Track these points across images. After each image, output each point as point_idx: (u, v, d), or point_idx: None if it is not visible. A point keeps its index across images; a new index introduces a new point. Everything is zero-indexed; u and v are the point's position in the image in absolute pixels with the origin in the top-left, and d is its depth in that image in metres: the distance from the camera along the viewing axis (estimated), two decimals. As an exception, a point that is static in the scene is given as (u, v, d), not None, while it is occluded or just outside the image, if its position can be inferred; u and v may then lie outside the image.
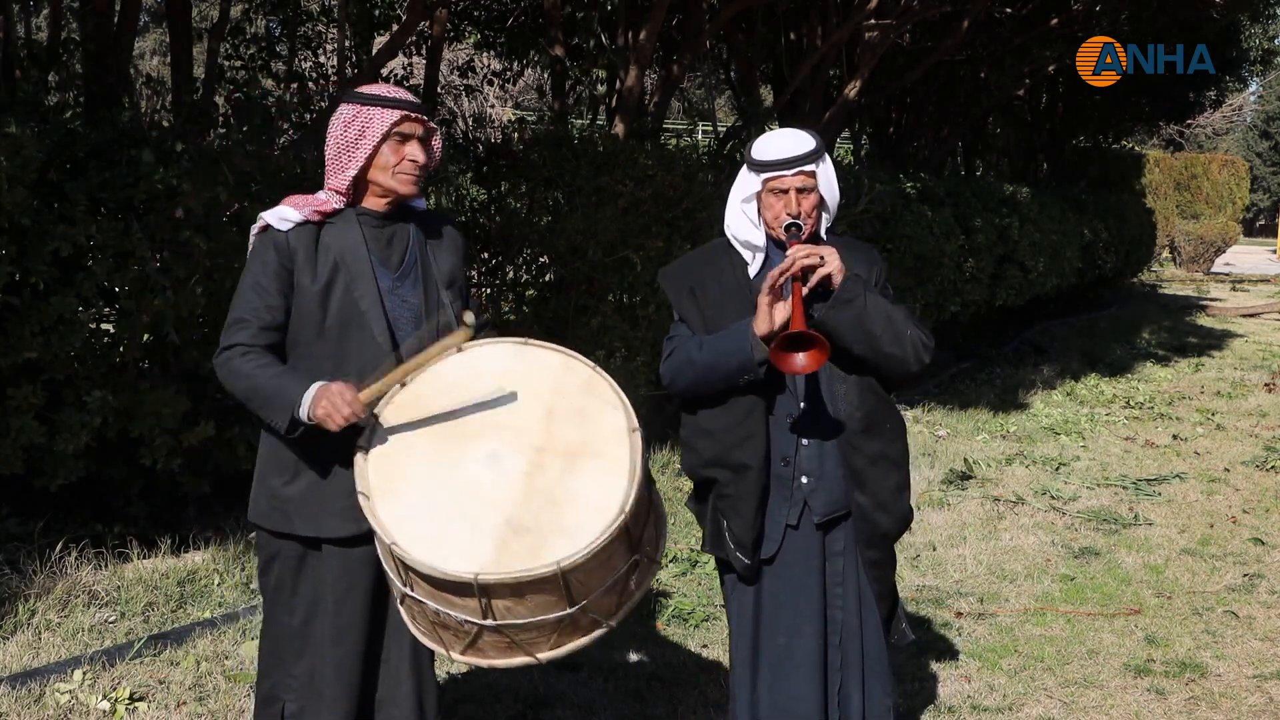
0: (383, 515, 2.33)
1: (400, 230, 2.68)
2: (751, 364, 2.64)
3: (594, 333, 6.28)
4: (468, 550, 2.26)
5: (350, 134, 2.57)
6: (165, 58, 13.68)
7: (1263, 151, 45.17)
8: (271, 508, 2.63)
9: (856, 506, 2.80)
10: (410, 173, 2.60)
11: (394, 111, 2.56)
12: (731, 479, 2.77)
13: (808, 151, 2.72)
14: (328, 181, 2.62)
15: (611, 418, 2.44)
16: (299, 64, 7.82)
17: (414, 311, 2.66)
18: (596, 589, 2.31)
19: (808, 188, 2.72)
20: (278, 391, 2.45)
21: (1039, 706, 3.89)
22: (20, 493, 4.76)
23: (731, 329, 2.70)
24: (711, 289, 2.82)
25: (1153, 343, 13.77)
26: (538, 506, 2.32)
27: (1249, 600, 4.97)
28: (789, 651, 2.81)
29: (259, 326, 2.54)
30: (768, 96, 11.85)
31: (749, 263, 2.83)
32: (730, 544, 2.80)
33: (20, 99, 4.50)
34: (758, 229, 2.79)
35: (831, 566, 2.84)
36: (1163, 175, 26.73)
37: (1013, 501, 6.43)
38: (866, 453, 2.77)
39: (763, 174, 2.74)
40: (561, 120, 7.79)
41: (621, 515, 2.27)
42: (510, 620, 2.28)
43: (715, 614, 4.56)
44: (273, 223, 2.57)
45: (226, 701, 3.66)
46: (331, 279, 2.57)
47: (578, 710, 3.71)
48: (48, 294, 4.29)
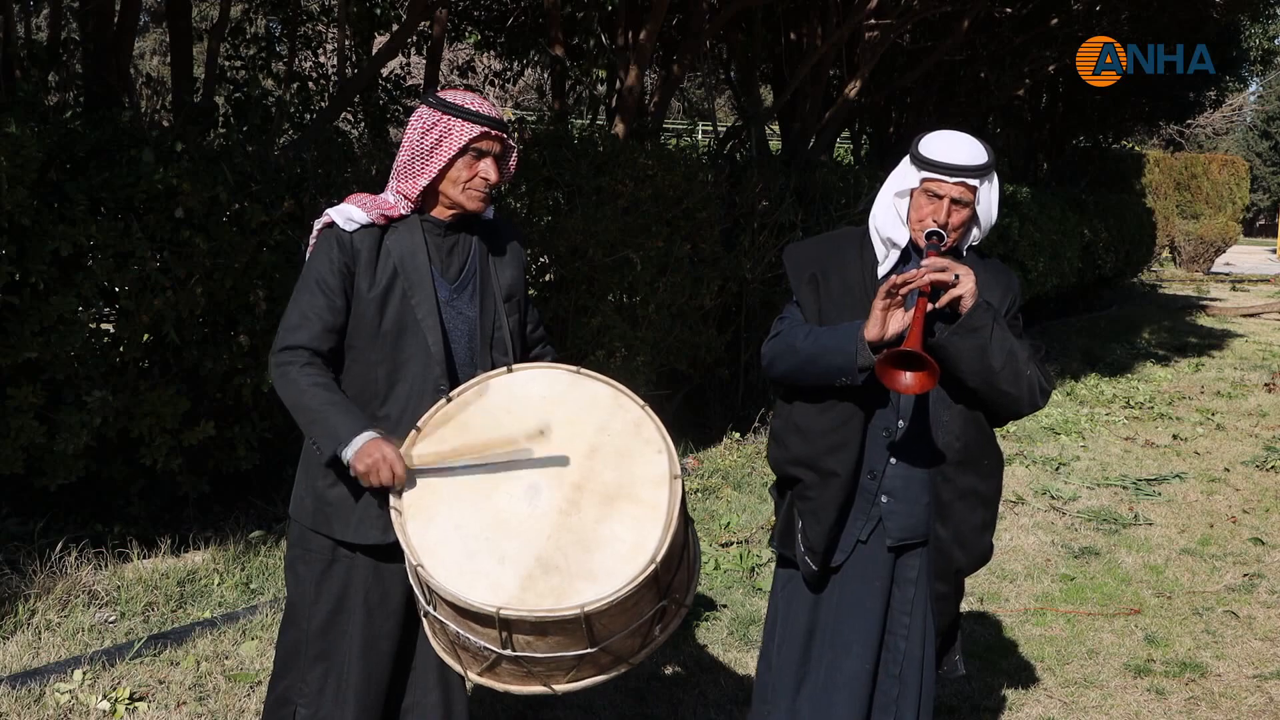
0: (413, 535, 2.32)
1: (463, 240, 2.63)
2: (852, 368, 2.49)
3: (594, 333, 6.28)
4: (494, 582, 2.24)
5: (427, 142, 2.51)
6: (165, 58, 13.68)
7: (1263, 151, 45.15)
8: (315, 508, 2.61)
9: (935, 538, 2.69)
10: (480, 190, 2.54)
11: (475, 126, 2.50)
12: (817, 483, 2.66)
13: (977, 165, 2.55)
14: (397, 185, 2.57)
15: (655, 462, 2.39)
16: (299, 64, 7.81)
17: (469, 324, 2.62)
18: (619, 632, 2.29)
19: (964, 201, 2.55)
20: (328, 421, 2.43)
21: (1039, 706, 3.89)
22: (20, 493, 4.76)
23: (842, 327, 2.55)
24: (834, 280, 2.67)
25: (1153, 343, 13.77)
26: (568, 546, 2.29)
27: (1249, 600, 4.97)
28: (835, 669, 2.72)
29: (322, 327, 2.50)
30: (768, 96, 11.86)
31: (880, 261, 2.67)
32: (801, 547, 2.70)
33: (20, 99, 4.49)
34: (903, 226, 2.62)
35: (901, 593, 2.74)
36: (1163, 175, 26.71)
37: (1013, 501, 6.42)
38: (958, 485, 2.64)
39: (923, 171, 2.57)
40: (561, 120, 7.78)
41: (652, 565, 2.25)
42: (530, 653, 2.27)
43: (715, 614, 4.56)
44: (338, 221, 2.53)
45: (226, 701, 3.66)
46: (390, 285, 2.53)
47: (578, 710, 3.71)
48: (48, 294, 4.29)
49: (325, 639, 2.64)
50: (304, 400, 2.46)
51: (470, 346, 2.61)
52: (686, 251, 6.85)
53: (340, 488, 2.57)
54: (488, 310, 2.64)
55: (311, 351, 2.49)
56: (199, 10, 15.11)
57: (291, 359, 2.49)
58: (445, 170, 2.52)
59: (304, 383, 2.47)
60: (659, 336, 6.75)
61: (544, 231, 6.19)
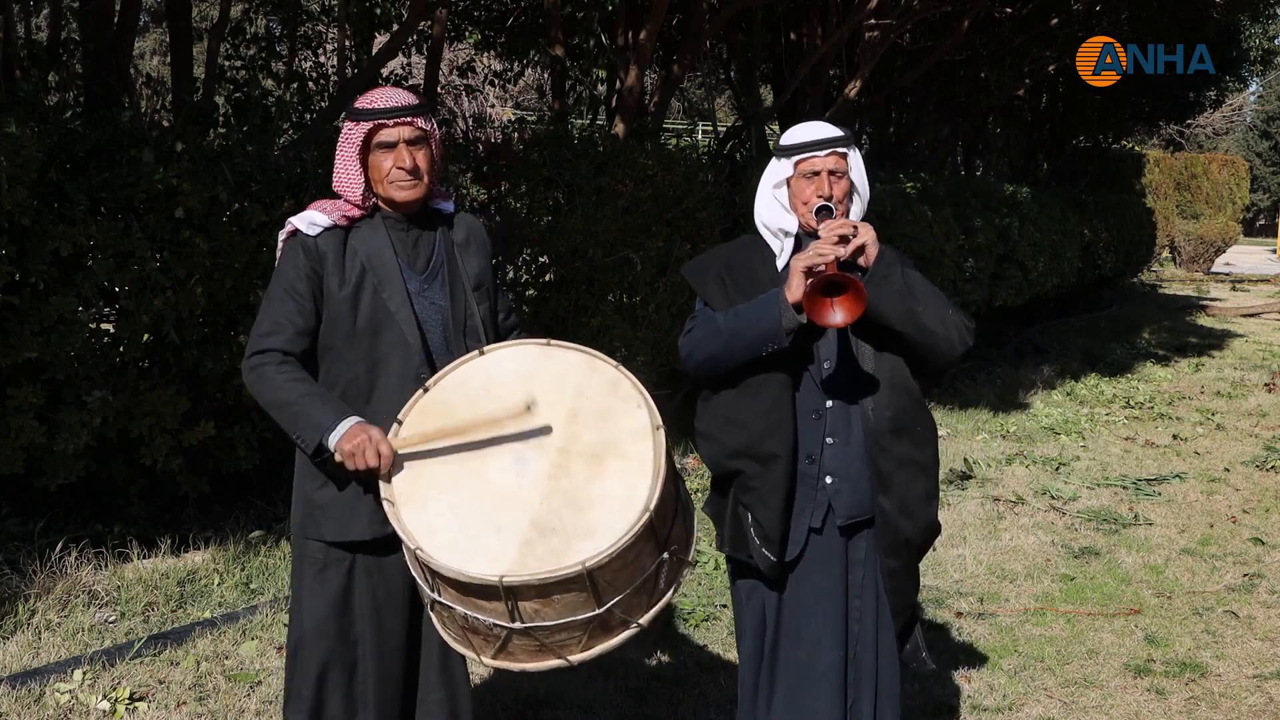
0: (408, 522, 2.33)
1: (426, 234, 2.67)
2: (778, 330, 2.53)
3: (594, 333, 6.28)
4: (493, 553, 2.25)
5: (343, 154, 2.58)
6: (165, 58, 13.68)
7: (1263, 151, 45.16)
8: (306, 513, 2.62)
9: (880, 511, 2.68)
10: (402, 179, 2.57)
11: (365, 123, 2.54)
12: (759, 471, 2.65)
13: (839, 135, 2.66)
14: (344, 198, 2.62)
15: (635, 416, 2.42)
16: (299, 64, 7.82)
17: (442, 314, 2.65)
18: (625, 588, 2.30)
19: (839, 170, 2.65)
20: (309, 413, 2.44)
21: (1039, 706, 3.89)
22: (20, 493, 4.76)
23: (761, 297, 2.59)
24: (739, 276, 2.72)
25: (1153, 343, 13.77)
26: (562, 508, 2.31)
27: (1249, 600, 4.96)
28: (810, 664, 2.71)
29: (294, 331, 2.53)
30: (768, 96, 11.86)
31: (778, 254, 2.73)
32: (756, 541, 2.68)
33: (20, 99, 4.49)
34: (788, 214, 2.70)
35: (852, 576, 2.74)
36: (1163, 175, 26.72)
37: (1013, 501, 6.42)
38: (895, 455, 2.65)
39: (793, 157, 2.66)
40: (561, 120, 7.78)
41: (646, 514, 2.26)
42: (539, 623, 2.27)
43: (715, 614, 4.56)
44: (301, 228, 2.57)
45: (226, 701, 3.66)
46: (360, 282, 2.56)
47: (578, 710, 3.71)
48: (48, 294, 4.29)
49: (324, 642, 2.64)
50: (281, 395, 2.47)
51: (445, 336, 2.64)
52: (686, 251, 6.85)
53: (330, 488, 2.58)
54: (458, 298, 2.67)
55: (284, 353, 2.52)
56: (199, 10, 15.11)
57: (265, 360, 2.51)
58: (366, 171, 2.57)
59: (280, 380, 2.48)
60: (659, 336, 6.75)
61: (544, 231, 6.20)
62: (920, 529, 2.72)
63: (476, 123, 8.91)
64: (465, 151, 6.26)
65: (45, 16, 8.05)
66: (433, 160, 2.62)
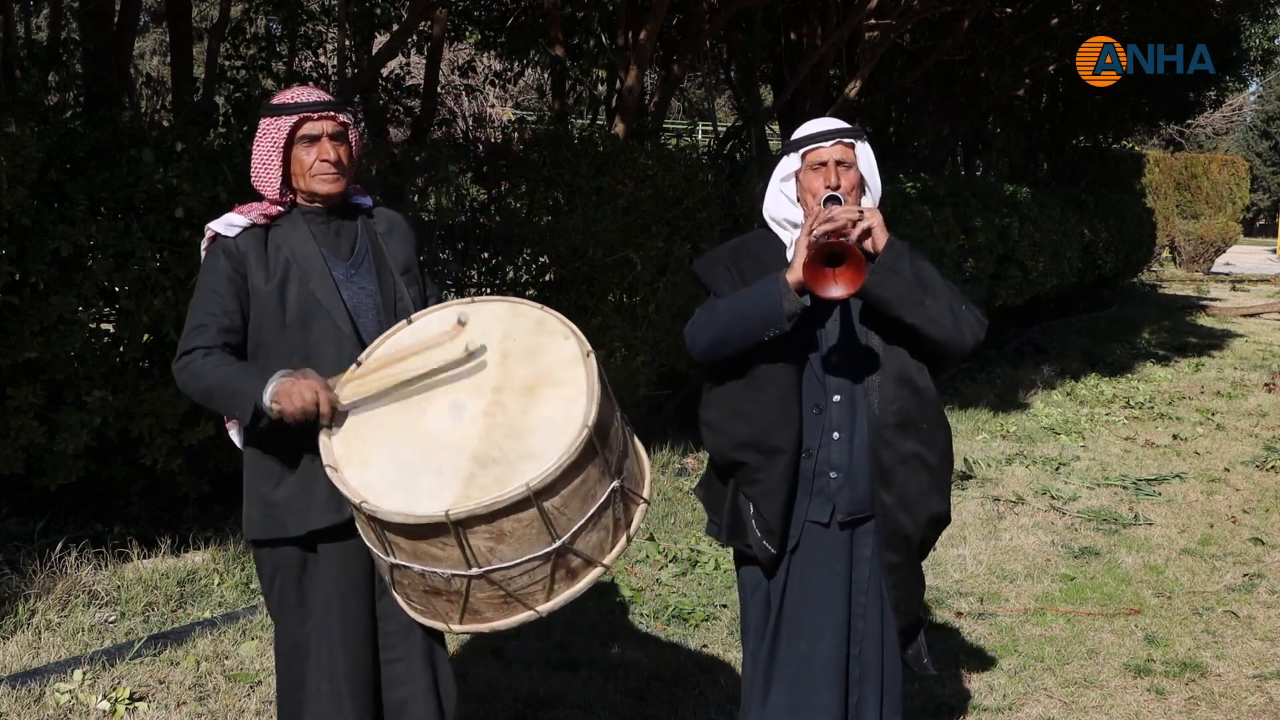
0: (351, 480, 2.33)
1: (348, 225, 2.70)
2: (779, 314, 2.50)
3: (594, 333, 6.28)
4: (436, 491, 2.26)
5: (261, 148, 2.60)
6: (165, 58, 13.68)
7: (1263, 151, 45.15)
8: (264, 516, 2.62)
9: (880, 505, 2.68)
10: (325, 173, 2.60)
11: (289, 117, 2.57)
12: (764, 463, 2.64)
13: (846, 127, 2.66)
14: (263, 194, 2.65)
15: (564, 347, 2.44)
16: (299, 64, 7.81)
17: (372, 298, 2.67)
18: (578, 518, 2.29)
19: (847, 161, 2.63)
20: (241, 384, 2.45)
21: (1039, 706, 3.89)
22: (20, 493, 4.76)
23: (762, 281, 2.58)
24: (747, 265, 2.71)
25: (1153, 343, 13.77)
26: (502, 440, 2.32)
27: (1249, 600, 4.96)
28: (810, 657, 2.70)
29: (218, 329, 2.55)
30: (768, 96, 11.86)
31: (788, 246, 2.70)
32: (757, 532, 2.68)
33: (20, 99, 4.50)
34: (796, 206, 2.68)
35: (857, 572, 2.74)
36: (1163, 175, 26.72)
37: (1013, 501, 6.43)
38: (898, 450, 2.64)
39: (801, 149, 2.66)
40: (561, 120, 7.78)
41: (585, 429, 2.26)
42: (496, 563, 2.26)
43: (715, 614, 4.56)
44: (221, 230, 2.60)
45: (226, 701, 3.66)
46: (285, 276, 2.59)
47: (578, 710, 3.71)
48: (48, 294, 4.29)
49: (295, 638, 2.67)
50: (210, 381, 2.49)
51: (378, 319, 2.65)
52: (686, 251, 6.85)
53: (286, 485, 2.59)
54: (386, 281, 2.69)
55: (209, 348, 2.53)
56: (199, 10, 15.11)
57: (192, 357, 2.53)
58: (288, 166, 2.60)
59: (208, 368, 2.50)
60: (659, 336, 6.75)
61: (544, 231, 6.20)
62: (919, 524, 2.71)
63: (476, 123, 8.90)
64: (465, 151, 6.26)
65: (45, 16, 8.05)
66: (353, 155, 2.66)
